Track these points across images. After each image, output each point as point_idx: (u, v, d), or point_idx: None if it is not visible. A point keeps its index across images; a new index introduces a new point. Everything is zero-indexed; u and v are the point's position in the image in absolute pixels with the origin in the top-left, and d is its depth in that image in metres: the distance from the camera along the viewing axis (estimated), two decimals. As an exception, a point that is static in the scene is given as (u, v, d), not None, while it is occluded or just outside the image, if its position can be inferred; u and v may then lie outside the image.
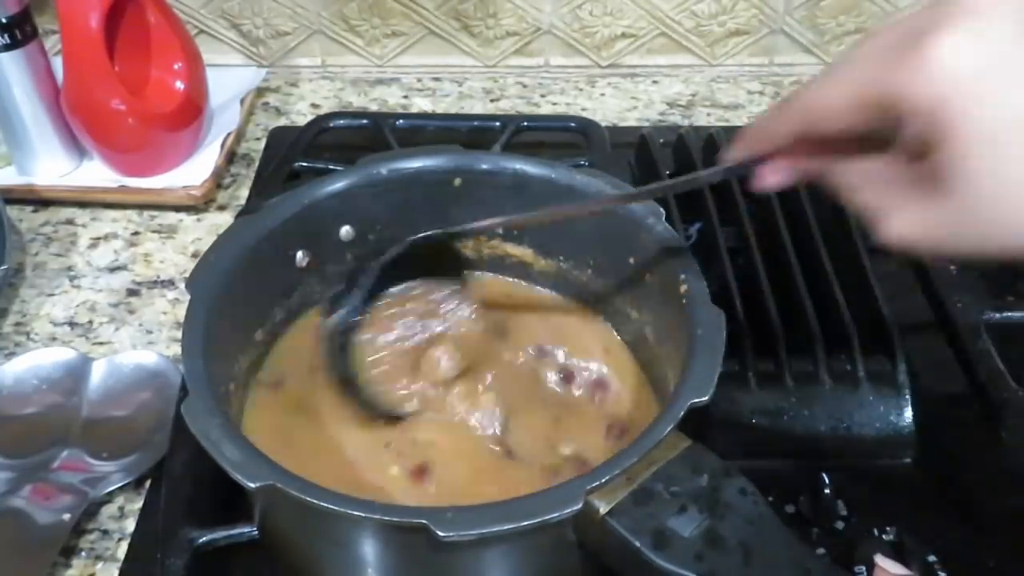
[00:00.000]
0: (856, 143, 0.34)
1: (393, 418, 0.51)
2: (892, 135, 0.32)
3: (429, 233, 0.52)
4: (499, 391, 0.52)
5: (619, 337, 0.56)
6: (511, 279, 0.60)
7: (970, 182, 0.30)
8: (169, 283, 0.67)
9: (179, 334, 0.46)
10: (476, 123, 0.76)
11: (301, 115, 0.83)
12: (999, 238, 0.31)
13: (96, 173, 0.73)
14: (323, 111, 0.82)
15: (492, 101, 0.85)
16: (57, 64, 0.69)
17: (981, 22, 0.30)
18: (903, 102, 0.30)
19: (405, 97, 0.86)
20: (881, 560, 0.42)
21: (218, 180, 0.74)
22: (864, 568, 0.46)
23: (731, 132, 0.70)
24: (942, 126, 0.30)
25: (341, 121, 0.76)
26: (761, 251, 0.60)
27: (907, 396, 0.53)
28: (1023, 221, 0.30)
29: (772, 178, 0.39)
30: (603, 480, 0.39)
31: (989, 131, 0.29)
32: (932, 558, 0.47)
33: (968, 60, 0.29)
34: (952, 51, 0.29)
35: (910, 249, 0.33)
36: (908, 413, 0.53)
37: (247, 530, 0.46)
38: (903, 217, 0.33)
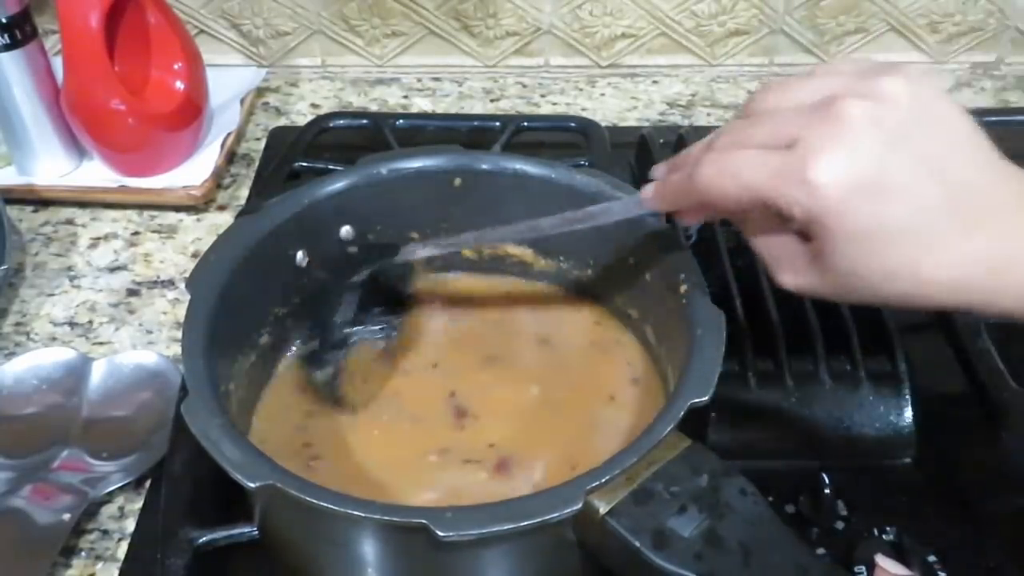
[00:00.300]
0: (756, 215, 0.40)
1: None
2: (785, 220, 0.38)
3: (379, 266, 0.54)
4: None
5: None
6: (511, 279, 0.60)
7: (842, 268, 0.37)
8: (169, 283, 0.67)
9: (179, 334, 0.46)
10: (476, 123, 0.76)
11: (301, 115, 0.83)
12: (867, 299, 0.38)
13: (96, 173, 0.73)
14: (323, 111, 0.82)
15: (492, 101, 0.85)
16: (57, 64, 0.69)
17: (853, 142, 0.35)
18: (788, 209, 0.36)
19: (405, 97, 0.86)
20: (882, 560, 0.42)
21: (218, 180, 0.74)
22: (864, 568, 0.46)
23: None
24: (819, 229, 0.36)
25: (341, 121, 0.76)
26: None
27: (907, 396, 0.53)
28: (875, 294, 0.37)
29: (687, 220, 0.45)
30: (603, 480, 0.39)
31: (852, 237, 0.36)
32: (932, 558, 0.47)
33: (840, 186, 0.35)
34: (828, 173, 0.35)
35: (800, 294, 0.40)
36: (908, 413, 0.53)
37: (247, 530, 0.46)
38: (793, 272, 0.40)
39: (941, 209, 0.36)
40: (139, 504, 0.52)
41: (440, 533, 0.37)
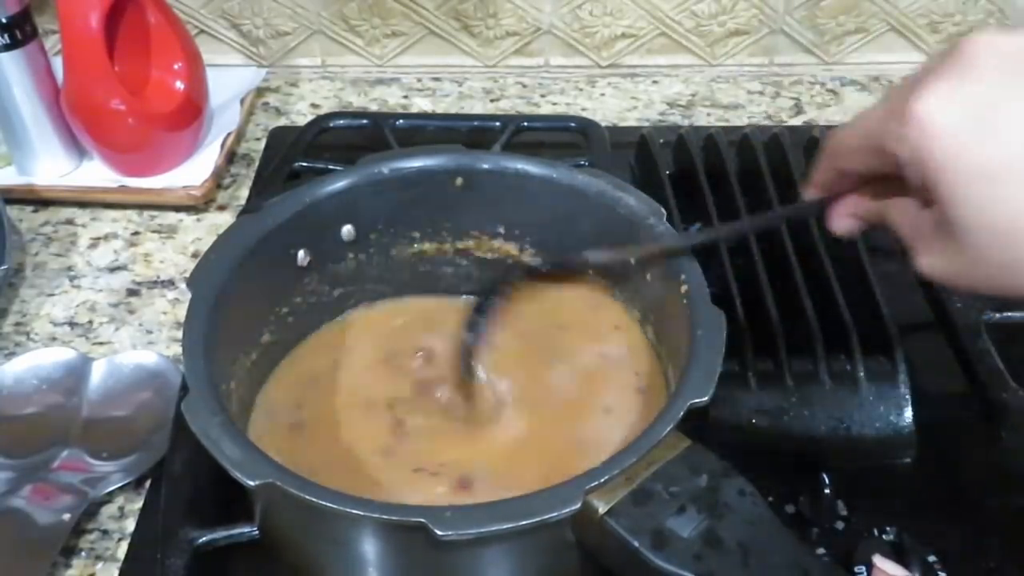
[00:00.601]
0: (894, 183, 0.36)
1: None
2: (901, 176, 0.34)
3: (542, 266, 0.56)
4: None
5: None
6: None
7: (965, 229, 0.32)
8: (169, 283, 0.67)
9: (179, 334, 0.46)
10: (476, 123, 0.76)
11: (301, 115, 0.83)
12: (1006, 279, 0.32)
13: (96, 173, 0.73)
14: (323, 111, 0.82)
15: (492, 101, 0.85)
16: (57, 64, 0.69)
17: (964, 75, 0.31)
18: (897, 152, 0.33)
19: (405, 97, 0.86)
20: (879, 561, 0.42)
21: (218, 180, 0.74)
22: (864, 568, 0.46)
23: (731, 132, 0.71)
24: (931, 177, 0.32)
25: (341, 121, 0.76)
26: (761, 251, 0.60)
27: (907, 396, 0.53)
28: (1011, 263, 0.32)
29: (838, 223, 0.41)
30: (602, 480, 0.39)
31: (968, 180, 0.31)
32: (932, 558, 0.47)
33: (945, 114, 0.31)
34: (932, 105, 0.31)
35: (941, 283, 0.36)
36: (908, 413, 0.53)
37: (247, 530, 0.46)
38: (928, 256, 0.35)
39: None
40: (139, 504, 0.52)
41: (439, 532, 0.37)
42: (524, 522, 0.37)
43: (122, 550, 0.50)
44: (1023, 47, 0.32)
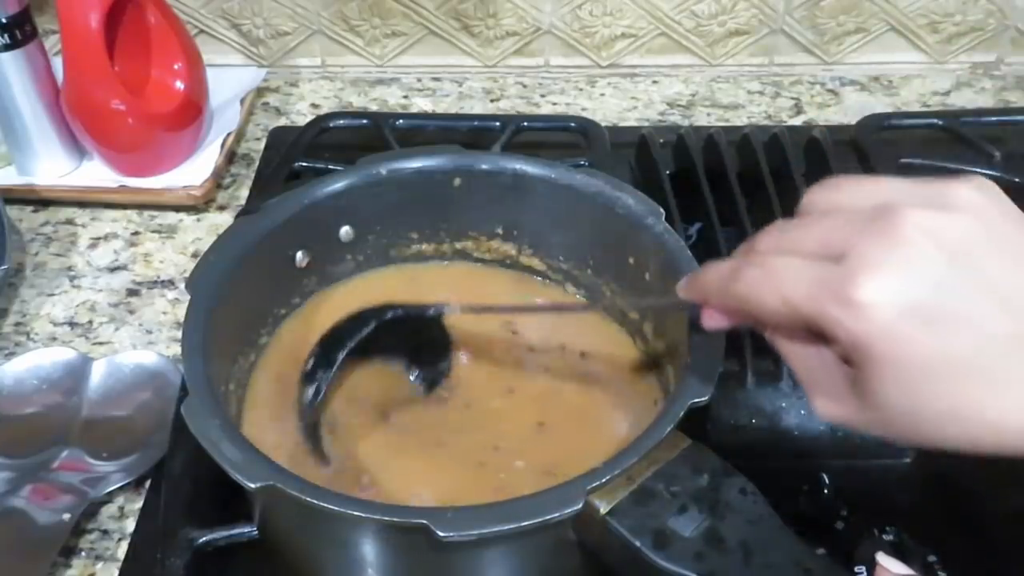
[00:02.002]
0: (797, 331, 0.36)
1: None
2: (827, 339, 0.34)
3: (398, 313, 0.52)
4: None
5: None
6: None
7: (888, 403, 0.32)
8: (169, 283, 0.67)
9: (179, 334, 0.46)
10: (476, 123, 0.76)
11: (301, 115, 0.83)
12: (915, 440, 0.33)
13: (96, 173, 0.73)
14: (323, 111, 0.82)
15: (492, 101, 0.85)
16: (57, 64, 0.69)
17: (908, 259, 0.31)
18: (833, 332, 0.32)
19: (405, 97, 0.86)
20: (883, 559, 0.42)
21: (218, 180, 0.74)
22: (864, 568, 0.46)
23: (731, 132, 0.71)
24: (864, 357, 0.32)
25: (341, 121, 0.76)
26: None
27: (907, 396, 0.53)
28: (929, 435, 0.33)
29: (711, 323, 0.40)
30: (603, 480, 0.39)
31: (904, 368, 0.31)
32: (932, 558, 0.47)
33: (889, 308, 0.31)
34: (876, 293, 0.31)
35: (838, 425, 0.36)
36: (908, 413, 0.53)
37: (247, 530, 0.46)
38: (829, 399, 0.35)
39: (1012, 342, 0.31)
40: (139, 504, 0.52)
41: (440, 533, 0.37)
42: (525, 523, 0.37)
43: (122, 550, 0.50)
44: (965, 234, 0.31)
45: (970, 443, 0.33)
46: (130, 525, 0.51)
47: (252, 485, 0.39)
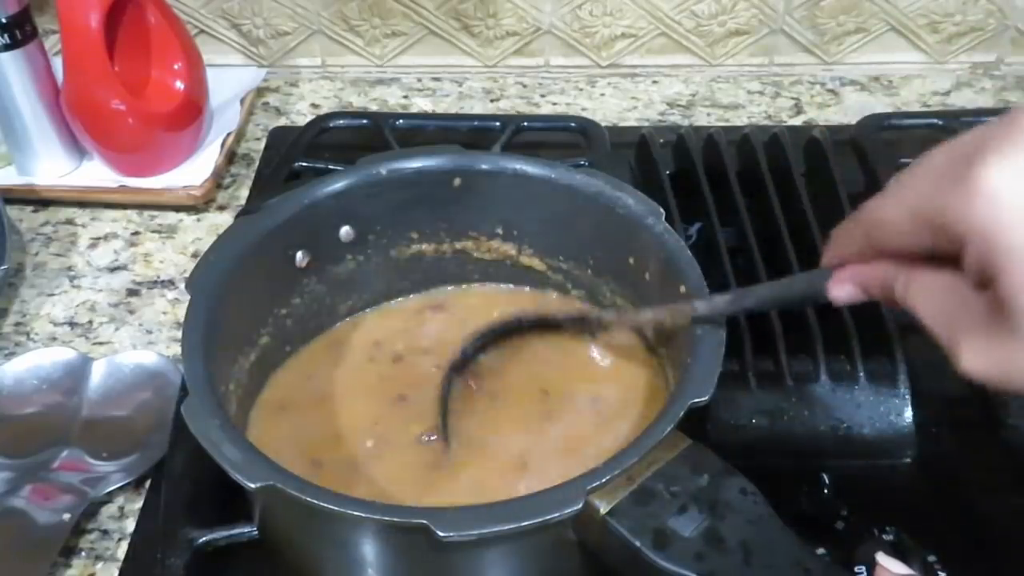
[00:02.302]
0: (928, 259, 0.33)
1: None
2: (958, 254, 0.31)
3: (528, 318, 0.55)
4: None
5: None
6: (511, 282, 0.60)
7: None
8: (169, 283, 0.67)
9: (179, 334, 0.46)
10: (476, 123, 0.76)
11: (301, 115, 0.83)
12: None
13: (96, 173, 0.73)
14: (323, 111, 0.82)
15: (492, 101, 0.85)
16: (57, 64, 0.69)
17: None
18: (957, 225, 0.30)
19: (405, 97, 0.86)
20: (883, 559, 0.42)
21: (218, 180, 0.74)
22: (864, 568, 0.46)
23: (731, 132, 0.71)
24: (996, 256, 0.28)
25: (341, 121, 0.76)
26: (761, 251, 0.60)
27: (907, 396, 0.53)
28: None
29: (840, 292, 0.37)
30: (603, 480, 0.39)
31: None
32: (932, 558, 0.47)
33: (1016, 190, 0.28)
34: (1001, 179, 0.28)
35: (988, 384, 0.31)
36: (908, 413, 0.53)
37: (247, 530, 0.46)
38: (974, 349, 0.31)
39: None
40: (139, 504, 0.52)
41: (440, 533, 0.37)
42: (526, 523, 0.37)
43: (122, 550, 0.50)
44: None
45: None
46: (130, 525, 0.51)
47: (252, 485, 0.39)
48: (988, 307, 0.30)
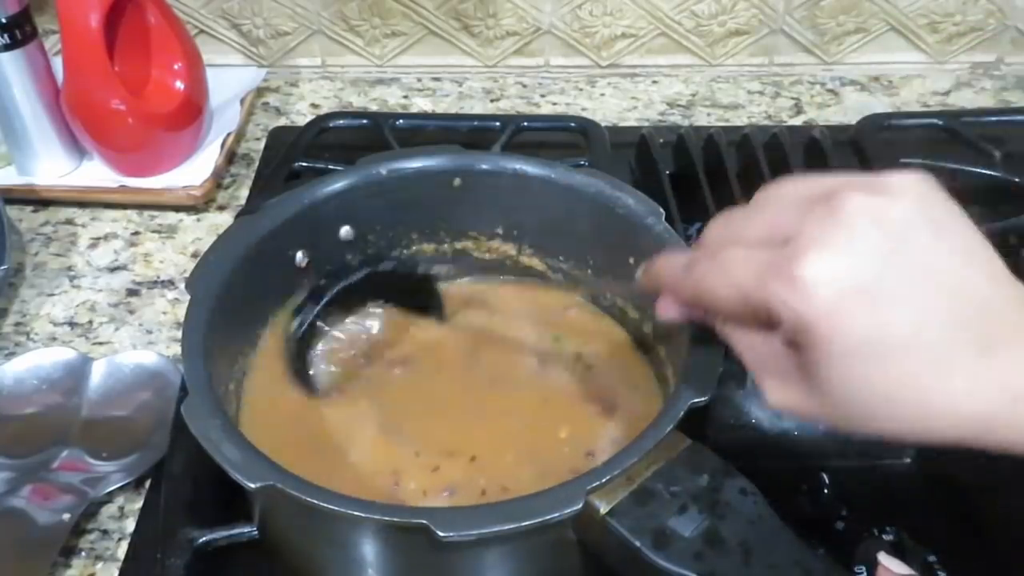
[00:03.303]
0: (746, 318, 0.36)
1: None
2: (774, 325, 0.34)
3: (391, 267, 0.56)
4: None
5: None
6: (509, 280, 0.60)
7: (831, 386, 0.33)
8: (169, 283, 0.67)
9: (179, 334, 0.46)
10: (476, 123, 0.76)
11: (301, 115, 0.83)
12: (863, 427, 0.34)
13: (96, 173, 0.73)
14: (323, 111, 0.82)
15: (492, 101, 0.85)
16: (57, 64, 0.69)
17: (849, 245, 0.32)
18: (778, 312, 0.33)
19: (405, 97, 0.86)
20: (885, 559, 0.42)
21: (218, 180, 0.74)
22: (864, 568, 0.46)
23: (731, 132, 0.71)
24: (809, 337, 0.33)
25: (341, 121, 0.76)
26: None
27: (907, 396, 0.53)
28: (881, 423, 0.33)
29: (665, 314, 0.41)
30: (603, 480, 0.39)
31: (846, 348, 0.32)
32: (932, 558, 0.47)
33: (831, 285, 0.32)
34: (818, 274, 0.32)
35: (789, 415, 0.38)
36: (908, 413, 0.53)
37: (247, 530, 0.46)
38: (779, 389, 0.36)
39: (951, 325, 0.32)
40: (139, 504, 0.52)
41: (440, 533, 0.37)
42: (526, 523, 0.37)
43: (122, 550, 0.50)
44: (905, 217, 0.32)
45: (924, 431, 0.33)
46: (130, 525, 0.51)
47: (252, 485, 0.39)
48: (794, 363, 0.34)
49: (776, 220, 0.35)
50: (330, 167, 0.67)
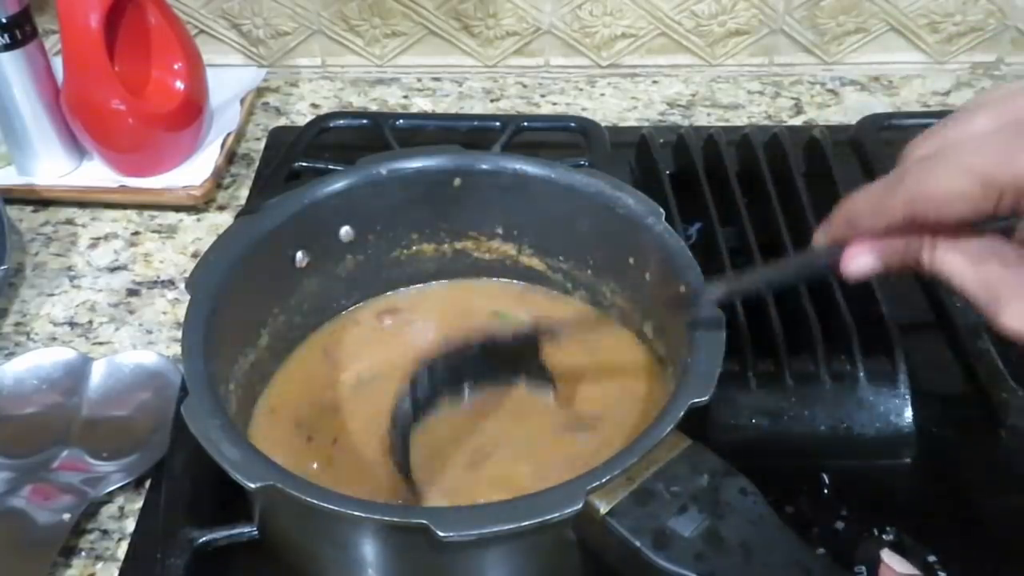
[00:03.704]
0: (967, 226, 0.32)
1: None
2: (1015, 220, 0.30)
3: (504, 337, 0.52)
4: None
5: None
6: (511, 280, 0.60)
7: None
8: (169, 283, 0.67)
9: (179, 334, 0.46)
10: (476, 123, 0.76)
11: (301, 115, 0.83)
12: None
13: (96, 173, 0.73)
14: (323, 111, 0.82)
15: (492, 101, 0.85)
16: (57, 64, 0.69)
17: None
18: None
19: (405, 97, 0.86)
20: (888, 557, 0.42)
21: (218, 180, 0.74)
22: (864, 568, 0.46)
23: (731, 132, 0.71)
24: None
25: (341, 121, 0.76)
26: (761, 251, 0.60)
27: (907, 396, 0.53)
28: None
29: (857, 264, 0.36)
30: (603, 480, 0.39)
31: None
32: (932, 558, 0.47)
33: None
34: None
35: None
36: (908, 413, 0.53)
37: (247, 530, 0.46)
38: (1018, 309, 0.31)
39: None
40: (139, 504, 0.52)
41: (441, 533, 0.37)
42: (526, 523, 0.37)
43: (122, 550, 0.50)
44: None
45: None
46: (130, 525, 0.51)
47: (252, 485, 0.39)
48: None
49: (1003, 110, 0.31)
50: (330, 167, 0.67)
